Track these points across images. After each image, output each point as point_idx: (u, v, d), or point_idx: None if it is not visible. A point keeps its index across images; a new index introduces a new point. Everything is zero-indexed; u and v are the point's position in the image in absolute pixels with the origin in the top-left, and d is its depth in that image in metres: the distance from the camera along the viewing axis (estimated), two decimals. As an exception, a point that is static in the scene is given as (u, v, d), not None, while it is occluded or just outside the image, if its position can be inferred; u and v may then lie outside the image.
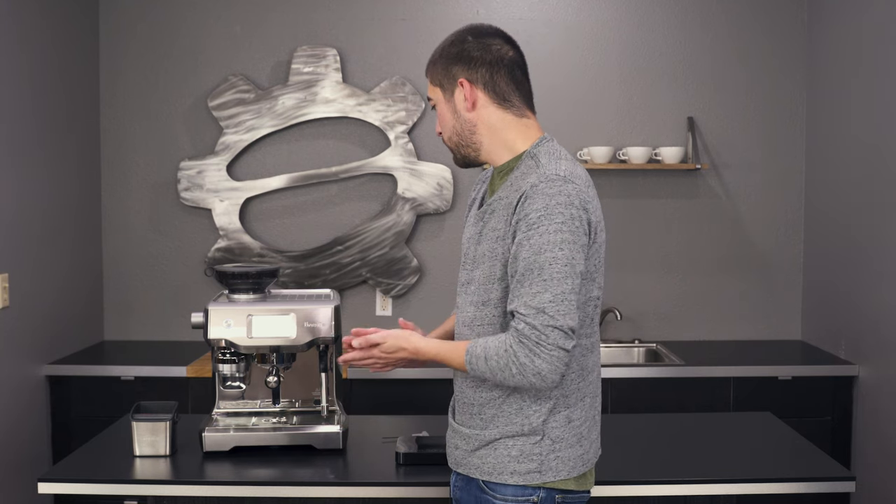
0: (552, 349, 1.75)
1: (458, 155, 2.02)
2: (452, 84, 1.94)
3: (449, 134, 1.99)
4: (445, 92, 1.96)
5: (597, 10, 4.08)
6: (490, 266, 1.88)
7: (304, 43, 4.06)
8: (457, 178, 4.07)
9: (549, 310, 1.74)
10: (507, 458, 1.88)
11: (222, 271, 2.48)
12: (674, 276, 4.15)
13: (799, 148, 4.11)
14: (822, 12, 3.92)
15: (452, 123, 1.97)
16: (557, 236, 1.76)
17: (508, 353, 1.77)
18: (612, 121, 4.10)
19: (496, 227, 1.88)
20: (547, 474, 1.87)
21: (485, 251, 1.90)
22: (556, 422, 1.88)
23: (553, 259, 1.76)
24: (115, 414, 3.28)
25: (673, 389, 3.61)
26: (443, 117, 1.99)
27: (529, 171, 1.86)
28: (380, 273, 4.09)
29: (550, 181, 1.80)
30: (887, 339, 3.34)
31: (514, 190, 1.86)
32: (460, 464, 1.97)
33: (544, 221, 1.77)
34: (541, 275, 1.75)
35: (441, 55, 1.97)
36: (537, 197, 1.79)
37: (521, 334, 1.76)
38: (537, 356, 1.75)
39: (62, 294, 3.74)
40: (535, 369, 1.76)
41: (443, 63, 1.96)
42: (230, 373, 2.43)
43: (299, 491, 2.27)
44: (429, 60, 2.01)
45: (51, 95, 3.64)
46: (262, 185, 4.08)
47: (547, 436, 1.87)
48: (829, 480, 2.31)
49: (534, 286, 1.76)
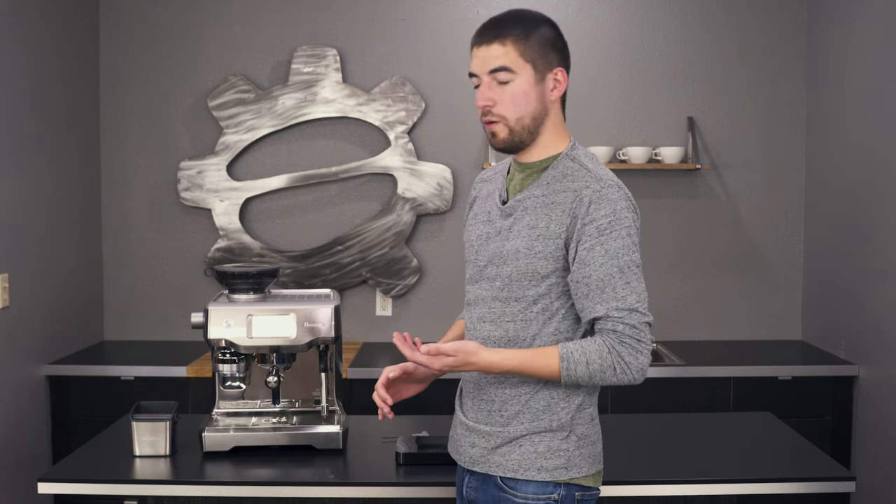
0: (648, 344, 1.81)
1: (514, 138, 1.90)
2: (547, 68, 1.88)
3: (521, 114, 1.88)
4: (538, 73, 1.87)
5: (597, 10, 4.08)
6: (528, 263, 1.86)
7: (304, 43, 4.06)
8: (457, 178, 4.07)
9: (640, 308, 1.81)
10: (534, 455, 1.87)
11: (222, 271, 2.48)
12: (674, 276, 4.15)
13: (799, 148, 4.11)
14: (822, 12, 3.92)
15: (535, 106, 1.88)
16: (629, 240, 1.83)
17: (612, 354, 1.80)
18: (612, 121, 4.10)
19: (535, 224, 1.86)
20: (573, 470, 1.88)
21: (518, 247, 1.88)
22: (583, 418, 1.90)
23: (630, 262, 1.82)
24: (115, 414, 3.28)
25: (673, 389, 3.61)
26: (522, 96, 1.87)
27: (576, 174, 1.87)
28: (380, 273, 4.09)
29: (611, 187, 1.84)
30: (887, 339, 3.34)
31: (558, 191, 1.86)
32: (478, 462, 1.93)
33: (615, 226, 1.82)
34: (623, 277, 1.81)
35: (537, 33, 1.87)
36: (603, 203, 1.82)
37: (622, 335, 1.80)
38: (640, 353, 1.80)
39: (62, 294, 3.74)
40: (639, 366, 1.81)
41: (540, 42, 1.87)
42: (230, 373, 2.43)
43: (299, 491, 2.27)
44: (509, 31, 1.87)
45: (51, 95, 3.64)
46: (262, 185, 4.08)
47: (574, 432, 1.89)
48: (829, 480, 2.31)
49: (619, 289, 1.80)
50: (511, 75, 1.87)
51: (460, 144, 4.07)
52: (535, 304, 1.88)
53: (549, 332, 1.88)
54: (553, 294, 1.87)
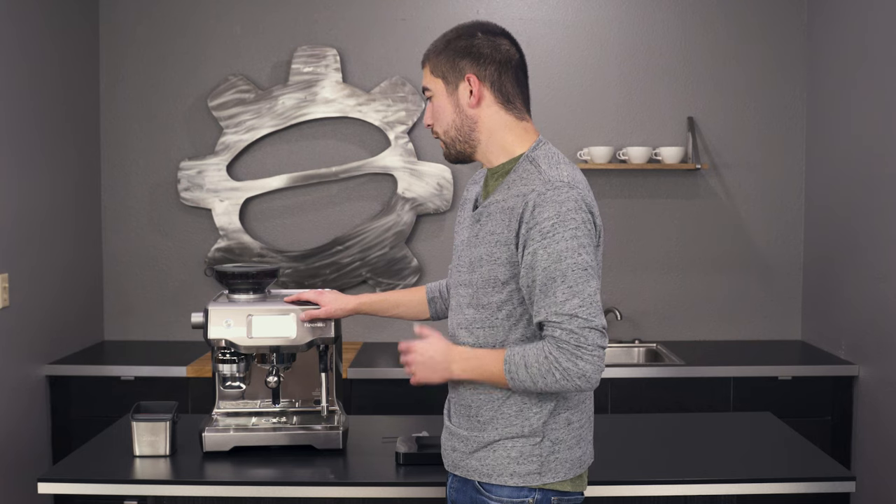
0: (593, 349, 1.76)
1: (451, 150, 1.97)
2: (458, 78, 1.91)
3: (445, 128, 1.95)
4: (448, 85, 1.92)
5: (597, 10, 4.08)
6: (490, 269, 1.87)
7: (304, 43, 4.06)
8: (457, 178, 4.07)
9: (581, 313, 1.76)
10: (507, 460, 1.88)
11: (222, 271, 2.48)
12: (674, 276, 4.15)
13: (799, 148, 4.11)
14: (822, 12, 3.92)
15: (452, 118, 1.93)
16: (574, 242, 1.77)
17: (549, 359, 1.77)
18: (612, 121, 4.10)
19: (494, 230, 1.87)
20: (546, 475, 1.87)
21: (482, 254, 1.89)
22: (557, 423, 1.88)
23: (574, 265, 1.77)
24: (115, 414, 3.28)
25: (673, 389, 3.61)
26: (440, 110, 1.94)
27: (529, 175, 1.85)
28: (380, 273, 4.09)
29: (557, 188, 1.80)
30: (887, 339, 3.34)
31: (513, 195, 1.85)
32: (458, 466, 1.96)
33: (559, 229, 1.77)
34: (565, 281, 1.76)
35: (447, 46, 1.92)
36: (546, 205, 1.78)
37: (560, 340, 1.76)
38: (580, 359, 1.75)
39: (62, 294, 3.74)
40: (579, 372, 1.76)
41: (449, 55, 1.92)
42: (230, 373, 2.43)
43: (299, 491, 2.27)
44: (430, 50, 1.96)
45: (51, 96, 3.64)
46: (262, 185, 4.08)
47: (547, 437, 1.88)
48: (829, 480, 2.31)
49: (559, 294, 1.76)
50: (430, 93, 1.95)
51: (460, 144, 4.07)
52: (499, 310, 1.88)
53: (515, 339, 1.88)
54: (515, 300, 1.86)
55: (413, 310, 2.38)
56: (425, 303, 2.36)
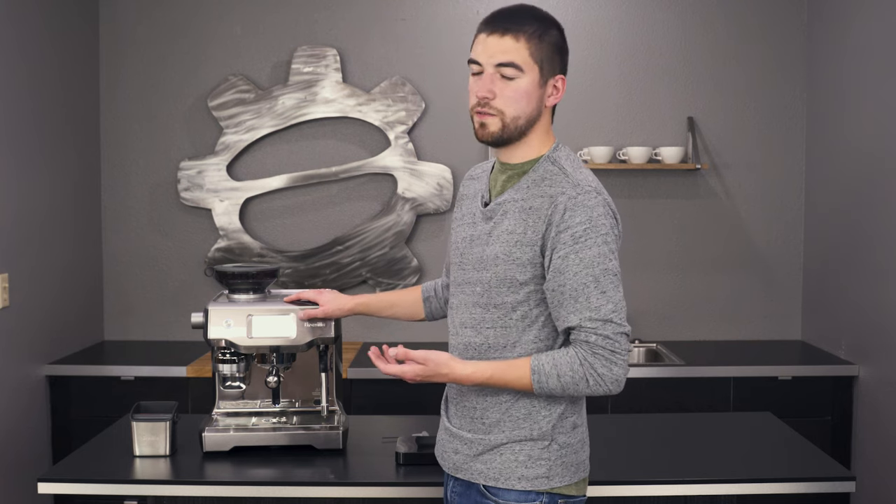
0: (624, 354, 1.78)
1: (503, 133, 1.85)
2: (552, 72, 1.85)
3: (517, 114, 1.84)
4: (543, 76, 1.84)
5: (597, 10, 4.08)
6: (506, 269, 1.83)
7: (304, 43, 4.06)
8: (457, 178, 4.07)
9: (615, 318, 1.77)
10: (515, 463, 1.85)
11: (222, 271, 2.48)
12: (674, 276, 4.15)
13: (799, 148, 4.11)
14: (822, 12, 3.92)
15: (531, 109, 1.85)
16: (605, 248, 1.79)
17: (584, 366, 1.77)
18: (612, 121, 4.10)
19: (513, 229, 1.83)
20: (554, 479, 1.86)
21: (497, 253, 1.85)
22: (564, 427, 1.87)
23: (606, 270, 1.78)
24: (115, 414, 3.28)
25: (673, 389, 3.61)
26: (523, 96, 1.83)
27: (555, 177, 1.83)
28: (380, 273, 4.09)
29: (587, 193, 1.80)
30: (887, 339, 3.34)
31: (536, 195, 1.83)
32: (460, 469, 1.92)
33: (591, 234, 1.78)
34: (598, 287, 1.77)
35: (549, 35, 1.84)
36: (578, 209, 1.78)
37: (595, 346, 1.77)
38: (615, 364, 1.77)
39: (62, 294, 3.74)
40: (613, 377, 1.77)
41: (551, 46, 1.84)
42: (230, 373, 2.43)
43: (299, 491, 2.27)
44: (524, 28, 1.82)
45: (51, 96, 3.64)
46: (262, 185, 4.08)
47: (555, 441, 1.86)
48: (829, 480, 2.31)
49: (593, 299, 1.77)
50: (518, 73, 1.82)
51: (460, 144, 4.07)
52: (514, 311, 1.85)
53: (529, 340, 1.86)
54: (532, 301, 1.84)
55: (408, 310, 2.35)
56: (420, 302, 2.33)
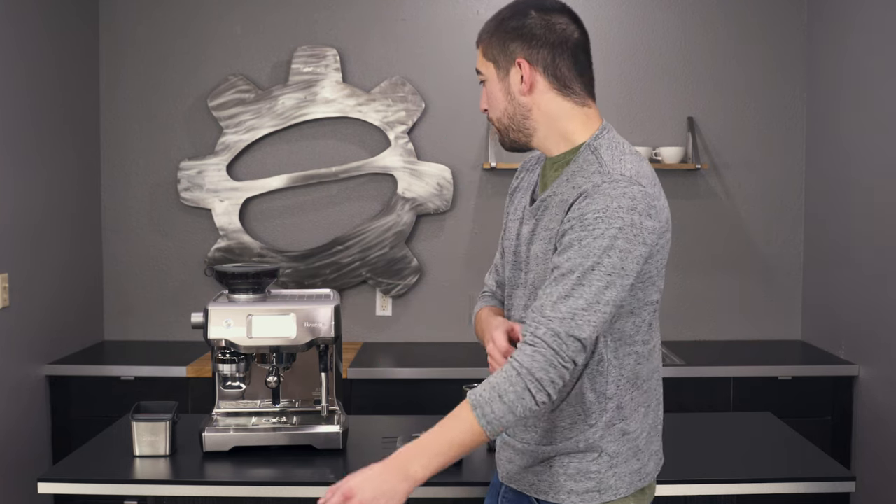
0: (567, 362, 1.60)
1: (505, 138, 1.81)
2: (509, 62, 1.74)
3: (499, 115, 1.78)
4: (500, 70, 1.75)
5: (597, 10, 4.08)
6: (543, 269, 1.71)
7: (304, 43, 4.06)
8: (457, 177, 4.07)
9: (577, 318, 1.59)
10: (564, 477, 1.74)
11: (222, 271, 2.48)
12: (674, 276, 4.15)
13: (799, 148, 4.11)
14: (822, 12, 3.92)
15: (504, 105, 1.77)
16: (612, 242, 1.60)
17: (521, 373, 1.59)
18: (612, 121, 4.02)
19: (549, 225, 1.72)
20: (606, 493, 1.73)
21: (537, 252, 1.74)
22: (612, 436, 1.73)
23: (597, 264, 1.60)
24: (115, 414, 3.28)
25: (673, 389, 3.60)
26: (493, 96, 1.78)
27: (590, 166, 1.69)
28: (380, 273, 4.09)
29: (615, 181, 1.62)
30: (887, 339, 3.34)
31: (571, 187, 1.69)
32: (513, 479, 1.84)
33: (601, 224, 1.60)
34: (581, 279, 1.60)
35: (499, 27, 1.75)
36: (597, 196, 1.62)
37: (538, 339, 1.60)
38: (553, 367, 1.59)
39: (62, 294, 3.74)
40: (549, 380, 1.59)
41: (500, 37, 1.75)
42: (230, 373, 2.43)
43: (299, 491, 2.27)
44: (482, 30, 1.79)
45: (51, 96, 3.64)
46: (262, 185, 4.08)
47: (605, 451, 1.73)
48: (829, 480, 2.31)
49: (569, 288, 1.60)
50: (482, 77, 1.80)
51: (460, 144, 4.07)
52: None
53: None
54: None
55: None
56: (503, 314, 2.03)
